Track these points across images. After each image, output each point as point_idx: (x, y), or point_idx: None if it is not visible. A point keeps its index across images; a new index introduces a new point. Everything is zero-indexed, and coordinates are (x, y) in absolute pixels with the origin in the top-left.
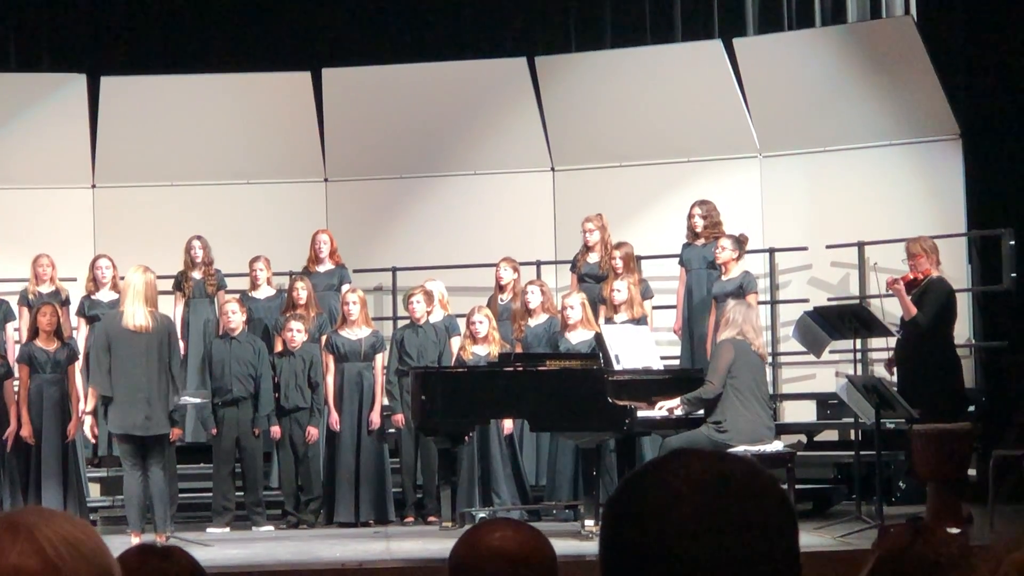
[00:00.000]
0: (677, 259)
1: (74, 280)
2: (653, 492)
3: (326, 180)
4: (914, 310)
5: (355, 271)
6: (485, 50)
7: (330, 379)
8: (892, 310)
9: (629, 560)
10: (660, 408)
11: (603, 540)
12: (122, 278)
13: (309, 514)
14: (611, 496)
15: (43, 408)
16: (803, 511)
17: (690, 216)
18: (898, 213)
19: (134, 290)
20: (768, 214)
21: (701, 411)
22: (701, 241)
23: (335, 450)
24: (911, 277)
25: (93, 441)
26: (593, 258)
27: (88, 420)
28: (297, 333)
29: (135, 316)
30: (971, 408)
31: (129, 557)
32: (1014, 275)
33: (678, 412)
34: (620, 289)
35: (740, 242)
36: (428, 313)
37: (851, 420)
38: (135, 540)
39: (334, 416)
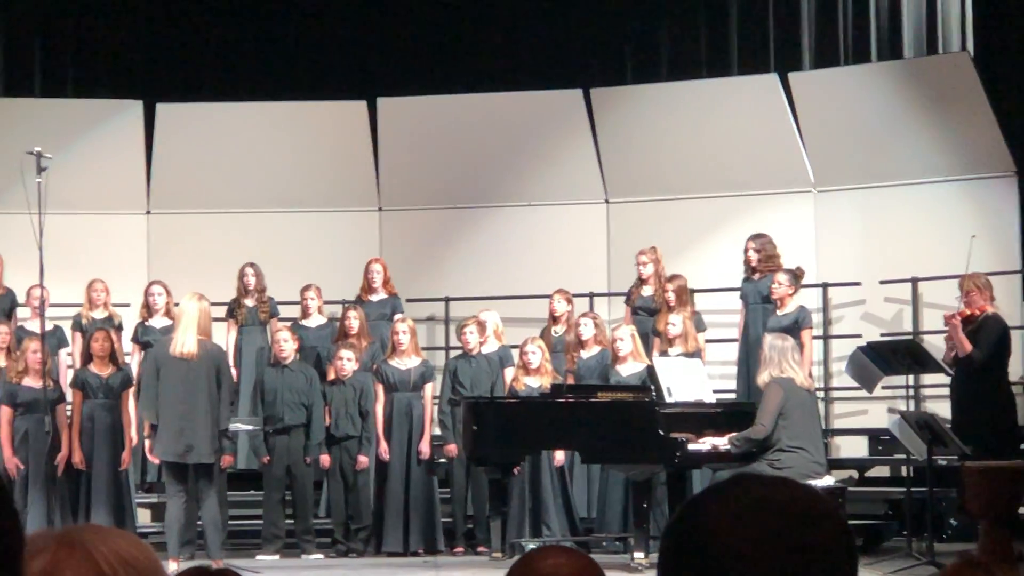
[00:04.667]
0: (738, 292)
1: (127, 306)
2: (713, 515)
3: (380, 209)
4: (969, 347)
5: (408, 300)
6: (541, 81)
7: (379, 408)
8: (942, 345)
9: None
10: (704, 443)
11: (662, 562)
12: (176, 304)
13: (358, 543)
14: (671, 518)
15: (95, 433)
16: None
17: (745, 251)
18: (952, 250)
19: (188, 317)
20: (822, 249)
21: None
22: (757, 276)
23: (384, 479)
24: (967, 313)
25: (156, 463)
26: (647, 291)
27: (147, 444)
28: (348, 362)
29: (184, 344)
30: (1023, 445)
31: None
32: None
33: (723, 448)
34: (675, 323)
35: (796, 276)
36: (481, 344)
37: (903, 456)
38: (173, 566)
39: (383, 445)
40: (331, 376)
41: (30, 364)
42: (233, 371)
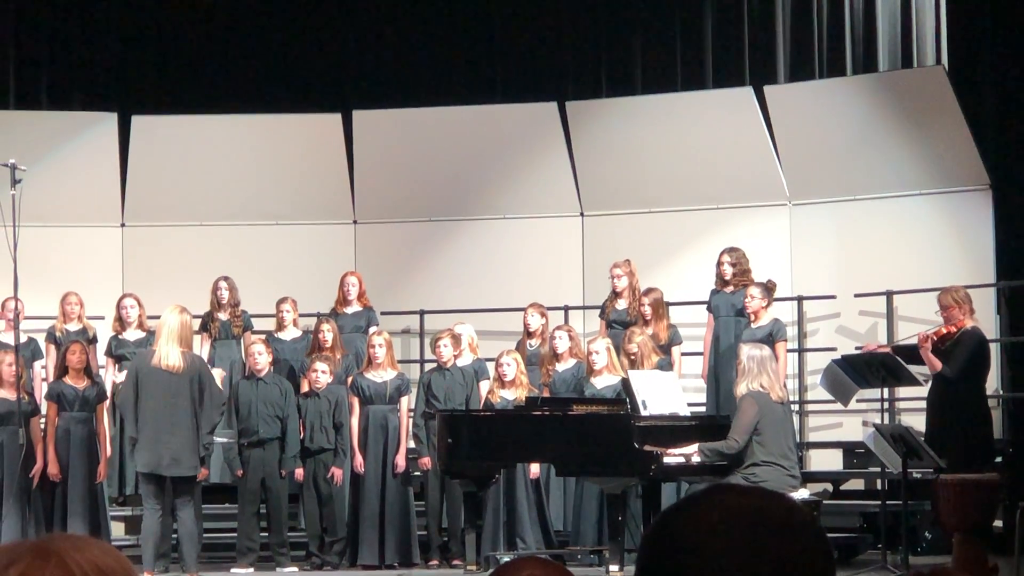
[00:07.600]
0: (705, 306)
1: (102, 319)
2: (690, 525)
3: (355, 222)
4: (939, 365)
5: (383, 313)
6: (516, 94)
7: (354, 421)
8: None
9: None
10: (675, 454)
11: (639, 572)
12: (151, 317)
13: (333, 555)
14: (648, 529)
15: (70, 446)
16: None
17: (719, 263)
18: (927, 263)
19: (168, 329)
20: (797, 262)
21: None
22: (730, 288)
23: (359, 492)
24: (944, 332)
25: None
26: (621, 304)
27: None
28: (322, 375)
29: (168, 356)
30: (998, 459)
31: None
32: None
33: (695, 459)
34: (633, 348)
35: (769, 289)
36: (456, 356)
37: (878, 469)
38: None
39: (358, 459)
40: (305, 388)
41: (4, 376)
42: (219, 386)
